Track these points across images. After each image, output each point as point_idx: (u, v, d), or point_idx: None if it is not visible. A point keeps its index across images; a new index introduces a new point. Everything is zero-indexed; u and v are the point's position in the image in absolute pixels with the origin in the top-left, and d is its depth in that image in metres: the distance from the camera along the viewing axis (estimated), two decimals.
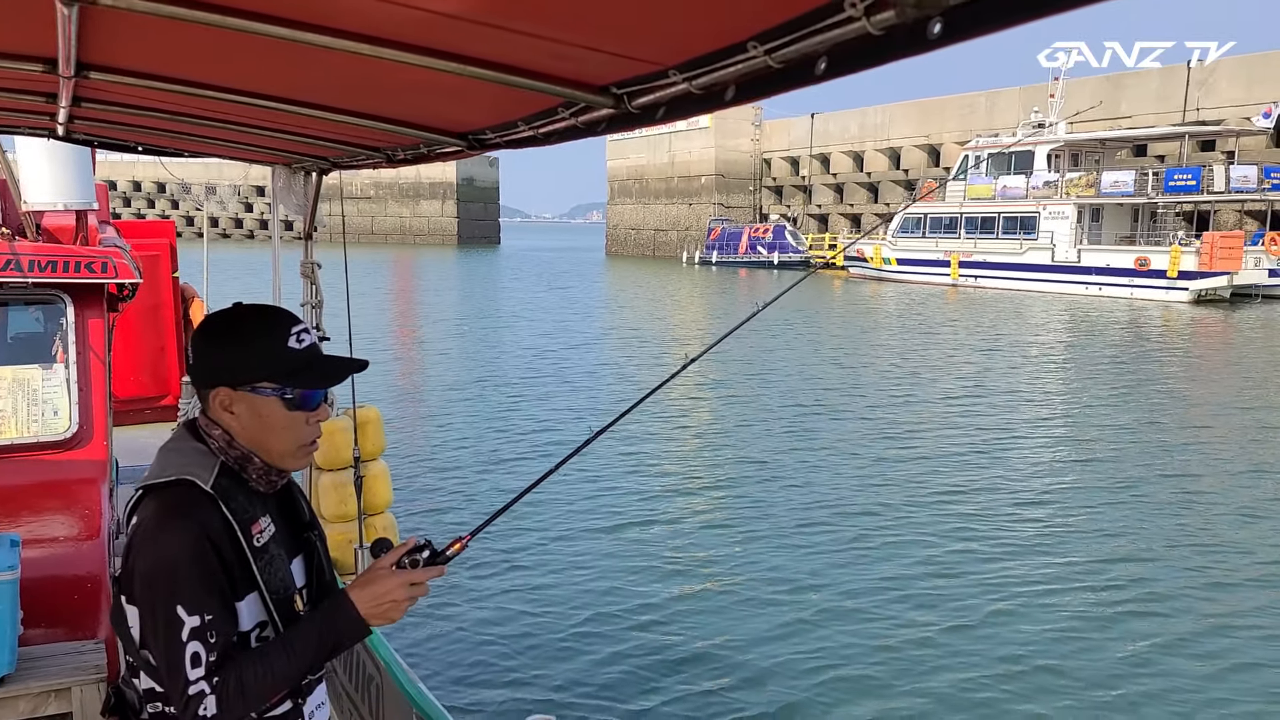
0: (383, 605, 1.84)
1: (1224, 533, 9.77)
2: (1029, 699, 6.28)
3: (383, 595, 1.84)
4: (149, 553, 1.79)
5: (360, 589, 1.86)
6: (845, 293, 43.92)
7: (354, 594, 1.85)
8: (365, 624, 1.85)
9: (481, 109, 2.33)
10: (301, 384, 1.90)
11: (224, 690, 1.74)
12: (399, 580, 1.86)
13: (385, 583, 1.85)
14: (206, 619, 1.75)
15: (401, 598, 1.85)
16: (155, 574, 1.77)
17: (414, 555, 1.89)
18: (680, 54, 1.62)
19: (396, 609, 1.86)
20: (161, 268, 8.04)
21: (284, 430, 1.91)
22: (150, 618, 1.78)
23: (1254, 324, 30.63)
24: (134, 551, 1.82)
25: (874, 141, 64.77)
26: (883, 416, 15.59)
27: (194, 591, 1.75)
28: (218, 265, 11.36)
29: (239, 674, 1.76)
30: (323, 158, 3.65)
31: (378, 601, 1.84)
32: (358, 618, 1.84)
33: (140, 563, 1.80)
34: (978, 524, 9.95)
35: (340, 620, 1.84)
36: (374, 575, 1.87)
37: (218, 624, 1.76)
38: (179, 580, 1.75)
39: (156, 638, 1.78)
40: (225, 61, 2.36)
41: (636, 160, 78.48)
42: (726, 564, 8.69)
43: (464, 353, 22.86)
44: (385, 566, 1.88)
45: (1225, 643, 7.17)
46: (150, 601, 1.78)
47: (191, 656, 1.73)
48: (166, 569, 1.76)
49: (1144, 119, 48.07)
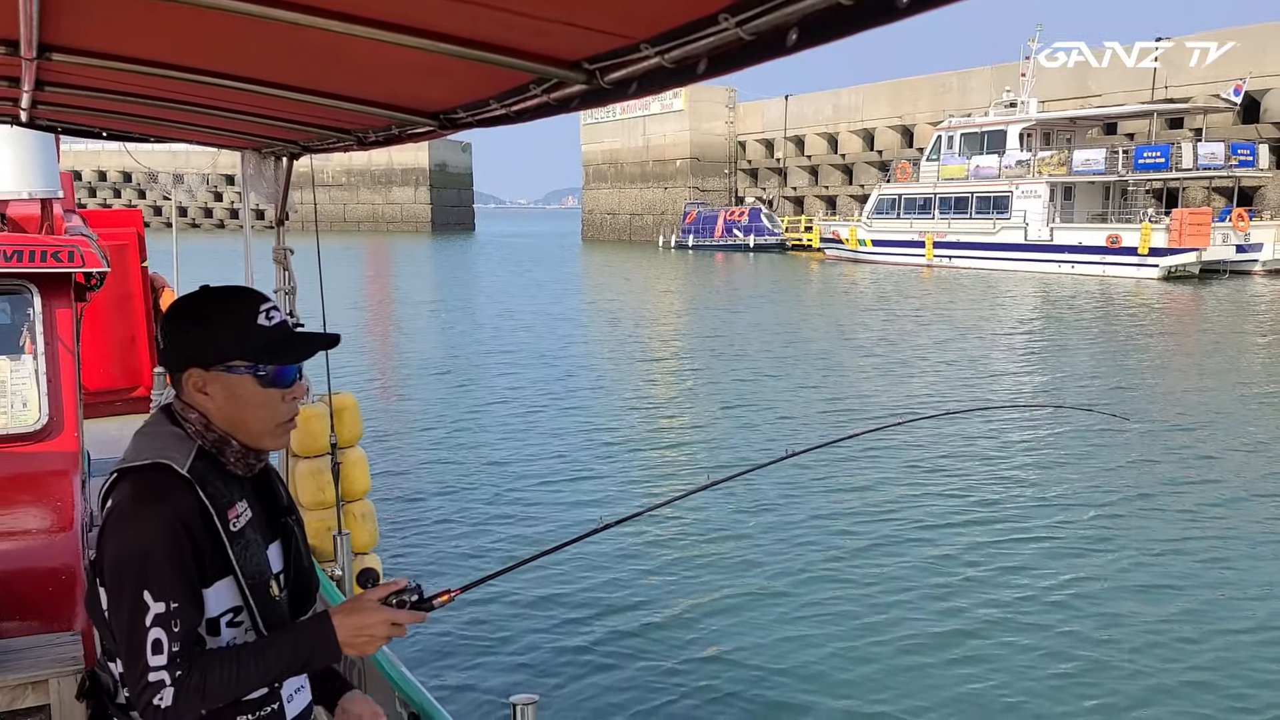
0: (361, 636, 1.86)
1: (1202, 501, 9.90)
2: (1001, 683, 6.35)
3: (364, 628, 1.86)
4: (121, 537, 1.77)
5: (345, 616, 1.87)
6: (821, 274, 44.07)
7: (337, 619, 1.86)
8: (340, 650, 1.86)
9: (453, 87, 2.31)
10: (273, 360, 1.89)
11: (185, 684, 1.73)
12: (383, 617, 1.87)
13: (370, 616, 1.87)
14: (172, 607, 1.74)
15: (381, 634, 1.88)
16: (125, 558, 1.76)
17: (401, 596, 1.90)
18: (652, 27, 1.61)
19: (372, 644, 1.89)
20: (129, 257, 7.94)
21: (260, 408, 1.90)
22: (116, 600, 1.77)
23: (1223, 299, 30.99)
24: (106, 535, 1.80)
25: (848, 123, 64.86)
26: (859, 398, 15.67)
27: (163, 578, 1.74)
28: (188, 255, 11.25)
29: (204, 672, 1.75)
30: (293, 141, 3.60)
31: (358, 632, 1.86)
32: (334, 643, 1.85)
33: (111, 546, 1.79)
34: (957, 504, 10.04)
35: (318, 640, 1.85)
36: (360, 605, 1.88)
37: (183, 613, 1.75)
38: (149, 565, 1.74)
39: (120, 621, 1.76)
40: (193, 41, 2.33)
41: (611, 144, 78.21)
42: (706, 551, 8.72)
43: (439, 339, 22.78)
44: (373, 600, 1.89)
45: (1218, 613, 7.28)
46: (118, 585, 1.77)
47: (153, 643, 1.72)
48: (137, 554, 1.75)
49: (1114, 97, 48.39)
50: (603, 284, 40.25)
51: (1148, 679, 6.29)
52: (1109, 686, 6.19)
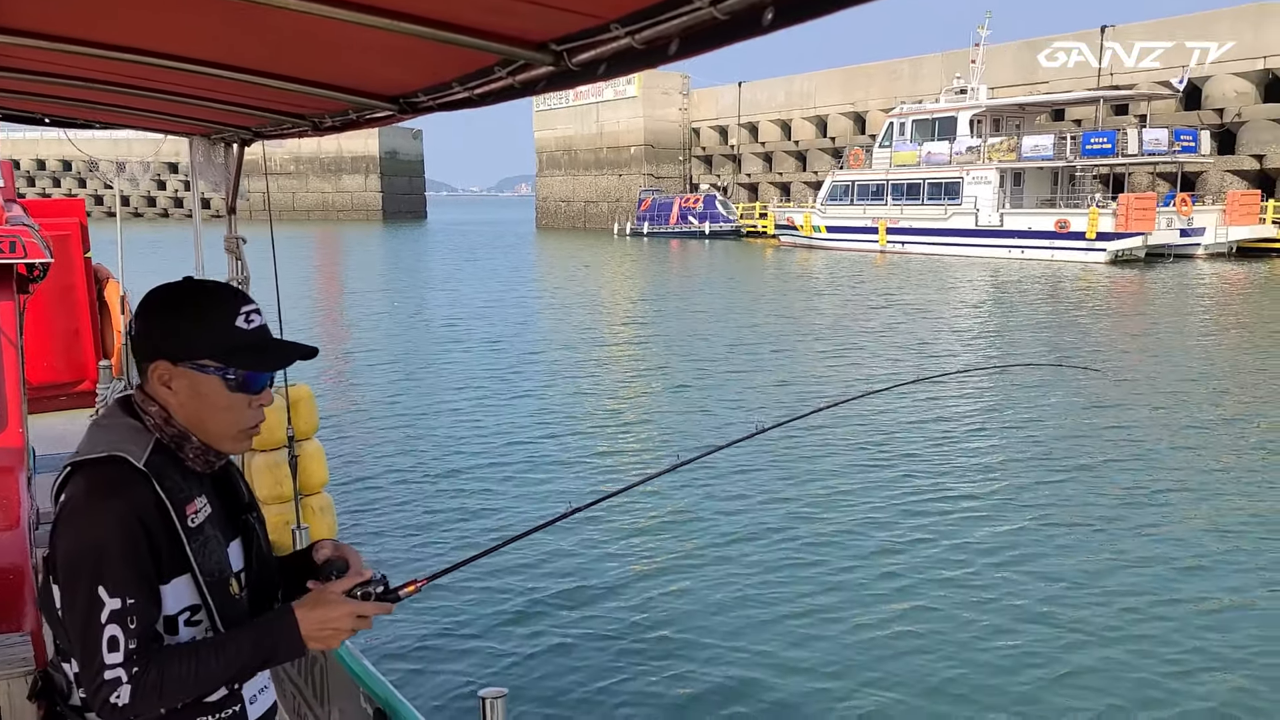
0: (325, 630, 1.81)
1: (1144, 476, 10.10)
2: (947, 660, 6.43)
3: (328, 621, 1.81)
4: (74, 532, 1.71)
5: (308, 610, 1.81)
6: (777, 261, 44.27)
7: (300, 613, 1.81)
8: (304, 645, 1.81)
9: (414, 70, 2.25)
10: (245, 365, 1.83)
11: (141, 681, 1.67)
12: (347, 610, 1.82)
13: (334, 609, 1.81)
14: (129, 603, 1.68)
15: (345, 627, 1.82)
16: (79, 553, 1.70)
17: (366, 588, 1.86)
18: (623, 6, 1.57)
19: (336, 637, 1.83)
20: (72, 248, 7.74)
21: (224, 412, 1.84)
22: (70, 597, 1.71)
23: (1168, 282, 31.64)
24: (59, 530, 1.74)
25: (801, 110, 65.13)
26: (818, 379, 15.76)
27: (118, 573, 1.68)
28: (132, 245, 10.99)
29: (161, 668, 1.69)
30: (244, 127, 3.50)
31: (322, 626, 1.80)
32: (297, 637, 1.80)
33: (64, 541, 1.72)
34: (905, 485, 10.14)
35: (280, 635, 1.80)
36: (324, 599, 1.83)
37: (139, 609, 1.69)
38: (104, 560, 1.68)
39: (74, 618, 1.71)
40: (139, 21, 2.24)
41: (565, 131, 77.81)
42: (670, 536, 8.71)
43: (392, 329, 22.56)
44: (337, 593, 1.83)
45: (1166, 586, 7.42)
46: (72, 581, 1.71)
47: (109, 640, 1.66)
48: (91, 548, 1.69)
49: (1061, 84, 49.11)
50: (557, 272, 40.10)
51: (1087, 646, 6.40)
52: (1056, 656, 6.29)
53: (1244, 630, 6.72)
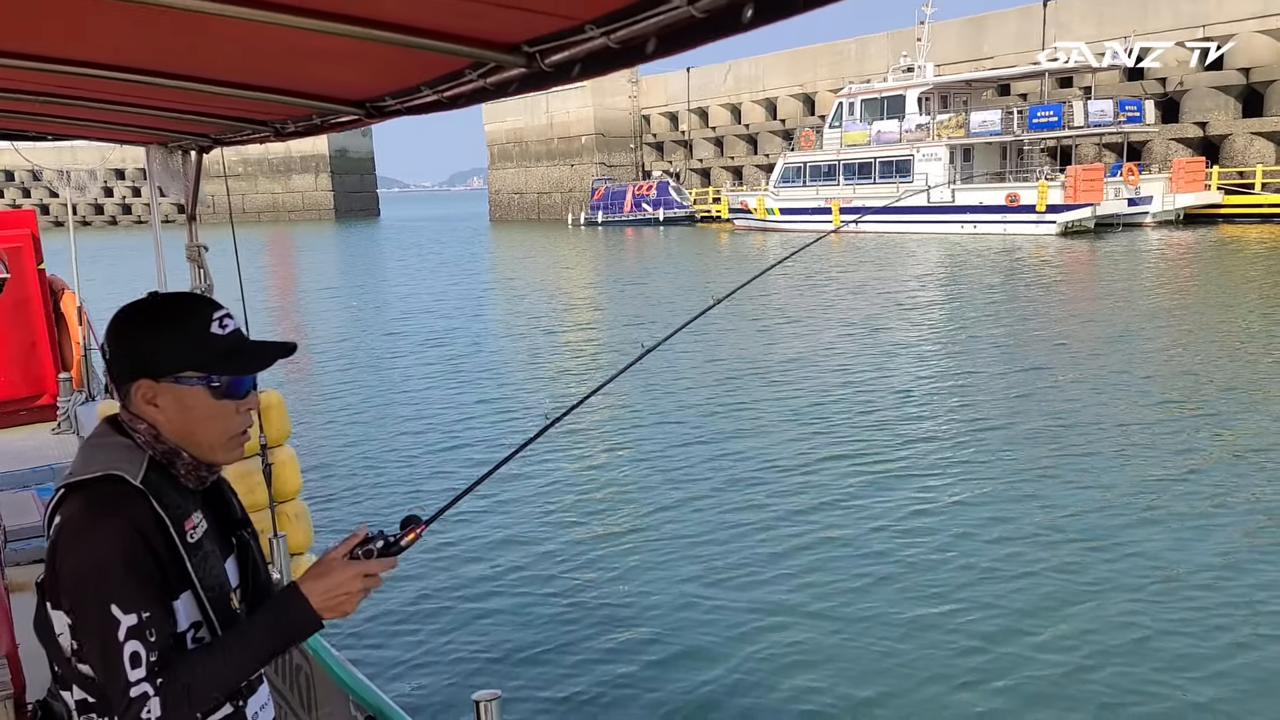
0: (336, 597, 1.78)
1: (1103, 451, 10.30)
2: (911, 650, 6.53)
3: (336, 587, 1.78)
4: (77, 552, 1.69)
5: (313, 581, 1.79)
6: (732, 245, 44.39)
7: (306, 586, 1.78)
8: (318, 617, 1.78)
9: (380, 74, 2.23)
10: (227, 370, 1.82)
11: (169, 691, 1.66)
12: (352, 571, 1.79)
13: (338, 574, 1.79)
14: (144, 616, 1.66)
15: (355, 589, 1.79)
16: (85, 574, 1.67)
17: (367, 546, 1.83)
18: (598, 7, 1.56)
19: (350, 601, 1.80)
20: (25, 260, 7.59)
21: (211, 420, 1.82)
22: (83, 620, 1.69)
23: (1118, 251, 32.18)
24: (60, 552, 1.71)
25: (750, 93, 65.24)
26: (772, 365, 15.86)
27: (128, 589, 1.66)
28: (84, 254, 10.77)
29: (185, 673, 1.68)
30: (203, 134, 3.45)
31: (331, 594, 1.77)
32: (310, 610, 1.77)
33: (67, 563, 1.70)
34: (867, 469, 10.25)
35: (293, 613, 1.77)
36: (326, 567, 1.81)
37: (156, 622, 1.68)
38: (111, 578, 1.66)
39: (91, 641, 1.68)
40: (92, 33, 2.20)
41: (514, 123, 77.32)
42: (665, 537, 8.65)
43: (354, 331, 22.33)
44: (338, 557, 1.81)
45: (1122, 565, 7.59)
46: (82, 603, 1.68)
47: (130, 657, 1.64)
48: (97, 568, 1.67)
49: (1005, 59, 49.64)
50: (511, 263, 39.90)
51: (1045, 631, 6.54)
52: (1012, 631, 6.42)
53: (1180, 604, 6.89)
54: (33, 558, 4.98)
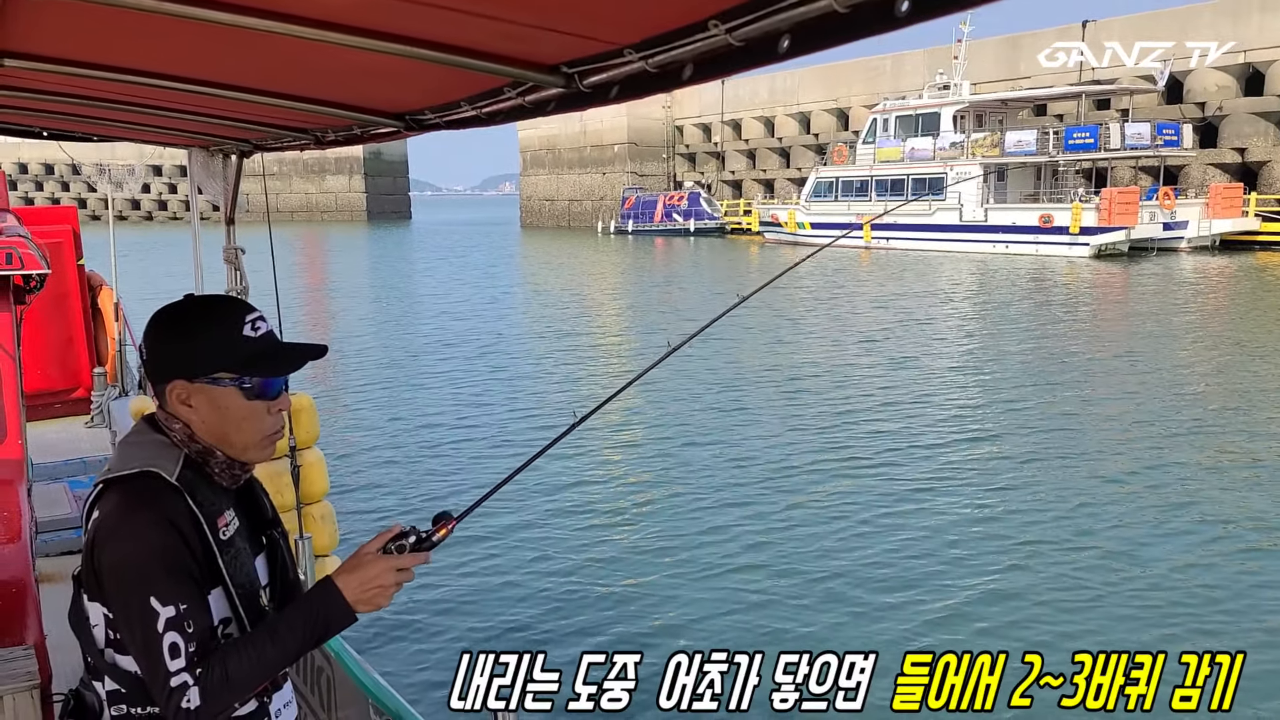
0: (370, 591, 1.79)
1: (1130, 468, 10.20)
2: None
3: (370, 581, 1.79)
4: (115, 546, 1.73)
5: (347, 574, 1.81)
6: (762, 258, 44.32)
7: (340, 580, 1.81)
8: (352, 610, 1.80)
9: (422, 89, 2.27)
10: (259, 372, 1.86)
11: (208, 681, 1.69)
12: (386, 565, 1.81)
13: (372, 568, 1.81)
14: (182, 608, 1.70)
15: (389, 583, 1.81)
16: (124, 567, 1.72)
17: (400, 541, 1.85)
18: (638, 33, 1.59)
19: (384, 595, 1.81)
20: (65, 256, 7.72)
21: (245, 421, 1.86)
22: (123, 612, 1.73)
23: (1151, 276, 31.84)
24: (98, 546, 1.76)
25: (784, 106, 65.17)
26: (803, 378, 15.82)
27: (166, 581, 1.71)
28: (120, 249, 10.94)
29: (223, 664, 1.71)
30: (245, 140, 3.52)
31: (365, 587, 1.79)
32: (345, 604, 1.79)
33: (106, 557, 1.74)
34: (893, 472, 10.21)
35: (328, 606, 1.79)
36: (361, 561, 1.83)
37: (194, 613, 1.72)
38: (150, 571, 1.71)
39: (132, 633, 1.73)
40: (141, 44, 2.25)
41: (548, 130, 77.59)
42: (678, 538, 8.62)
43: (387, 335, 22.48)
44: (372, 551, 1.83)
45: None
46: (121, 596, 1.73)
47: (170, 647, 1.68)
48: (135, 561, 1.71)
49: (1042, 79, 49.31)
50: (541, 269, 40.03)
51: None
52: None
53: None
54: (63, 549, 5.06)
